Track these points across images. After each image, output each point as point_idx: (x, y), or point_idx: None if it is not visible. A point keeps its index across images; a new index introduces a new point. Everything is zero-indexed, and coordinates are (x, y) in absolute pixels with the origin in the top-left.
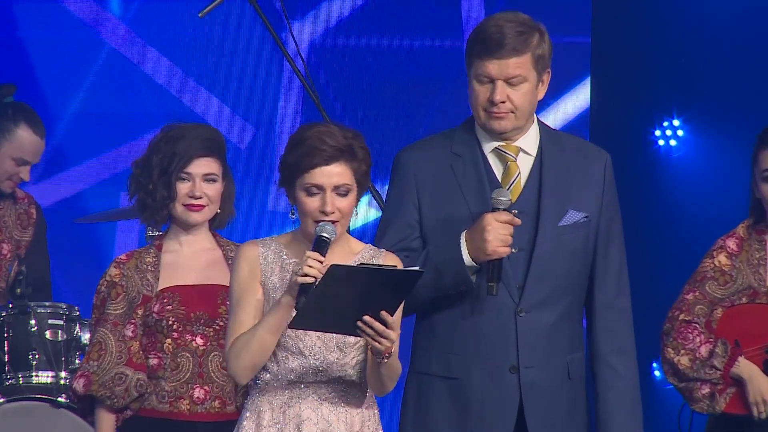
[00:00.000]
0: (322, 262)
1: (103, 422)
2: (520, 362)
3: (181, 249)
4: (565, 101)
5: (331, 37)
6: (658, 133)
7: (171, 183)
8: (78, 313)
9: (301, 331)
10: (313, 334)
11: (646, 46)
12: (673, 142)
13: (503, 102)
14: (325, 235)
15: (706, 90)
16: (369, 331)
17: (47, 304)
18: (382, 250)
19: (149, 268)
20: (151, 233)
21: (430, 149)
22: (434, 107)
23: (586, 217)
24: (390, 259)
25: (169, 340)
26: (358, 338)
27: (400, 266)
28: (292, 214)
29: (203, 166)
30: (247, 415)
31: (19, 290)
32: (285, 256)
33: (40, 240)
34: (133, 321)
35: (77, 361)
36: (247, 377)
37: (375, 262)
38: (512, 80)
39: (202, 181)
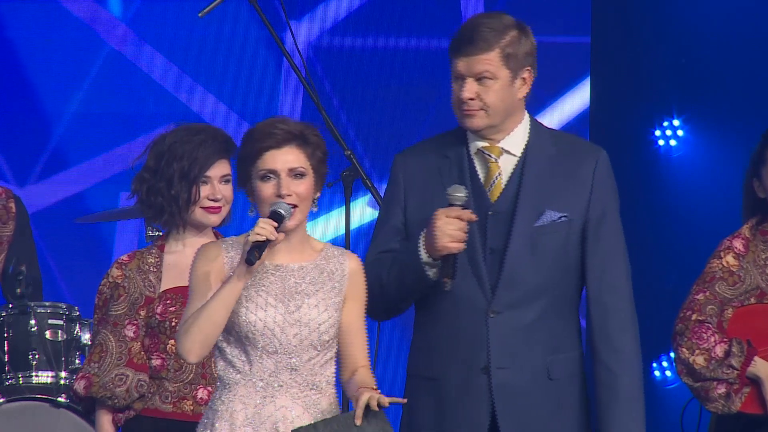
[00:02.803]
0: (275, 227)
1: (104, 423)
2: (492, 363)
3: (184, 250)
4: (565, 101)
5: (331, 36)
6: (658, 133)
7: (192, 187)
8: (78, 313)
9: (278, 329)
10: (290, 332)
11: (646, 46)
12: (673, 142)
13: (472, 99)
14: (280, 210)
15: (706, 90)
16: None
17: (47, 304)
18: (344, 249)
19: (151, 269)
20: (151, 233)
21: (422, 152)
22: (434, 107)
23: (564, 217)
24: (352, 260)
25: (172, 341)
26: (331, 336)
27: (359, 268)
28: (251, 211)
29: (221, 168)
30: (219, 414)
31: (19, 290)
32: None
33: (24, 232)
34: (135, 322)
35: (77, 361)
36: (196, 354)
37: (337, 261)
38: (480, 77)
39: (219, 183)
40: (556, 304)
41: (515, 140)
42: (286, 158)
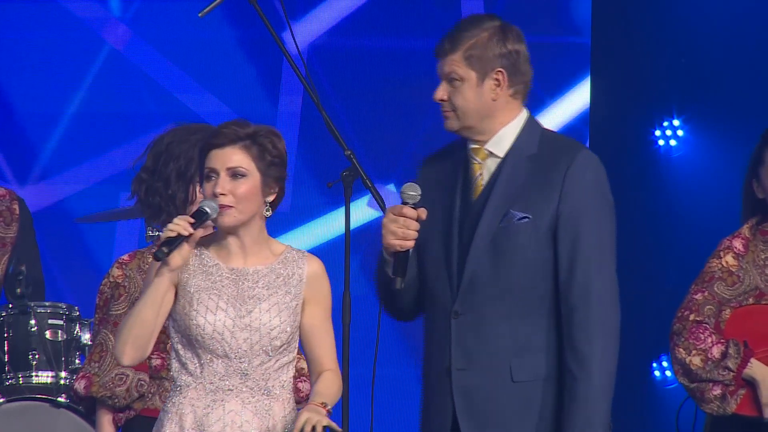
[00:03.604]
0: (192, 225)
1: (104, 423)
2: (452, 364)
3: None
4: (565, 101)
5: (331, 37)
6: (658, 133)
7: (189, 186)
8: (78, 313)
9: (227, 333)
10: (240, 337)
11: (646, 46)
12: (673, 142)
13: (442, 100)
14: (204, 207)
15: (706, 90)
16: None
17: (47, 304)
18: (305, 252)
19: None
20: (151, 233)
21: (437, 156)
22: (434, 107)
23: (525, 217)
24: (312, 263)
25: None
26: (284, 342)
27: (319, 270)
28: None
29: None
30: (169, 416)
31: (19, 290)
32: (206, 258)
33: (27, 234)
34: None
35: (77, 361)
36: (129, 355)
37: (298, 264)
38: (450, 78)
39: None
40: (523, 305)
41: (501, 142)
42: (227, 158)
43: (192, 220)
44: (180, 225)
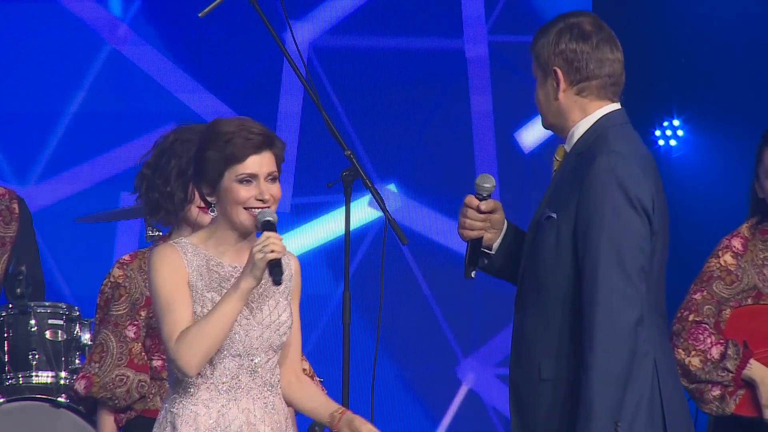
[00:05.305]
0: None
1: (106, 424)
2: (510, 359)
3: None
4: None
5: (331, 37)
6: (658, 133)
7: (188, 185)
8: (78, 313)
9: (242, 331)
10: (253, 335)
11: (646, 46)
12: (673, 142)
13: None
14: (270, 218)
15: (706, 90)
16: None
17: (47, 304)
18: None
19: None
20: (151, 233)
21: None
22: (434, 107)
23: (551, 216)
24: (294, 259)
25: None
26: (288, 337)
27: (299, 267)
28: (212, 211)
29: None
30: (181, 419)
31: (19, 290)
32: (209, 257)
33: (27, 233)
34: (135, 322)
35: (77, 361)
36: (198, 368)
37: (284, 260)
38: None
39: None
40: (552, 305)
41: (571, 140)
42: (265, 162)
43: (281, 237)
44: (279, 245)
